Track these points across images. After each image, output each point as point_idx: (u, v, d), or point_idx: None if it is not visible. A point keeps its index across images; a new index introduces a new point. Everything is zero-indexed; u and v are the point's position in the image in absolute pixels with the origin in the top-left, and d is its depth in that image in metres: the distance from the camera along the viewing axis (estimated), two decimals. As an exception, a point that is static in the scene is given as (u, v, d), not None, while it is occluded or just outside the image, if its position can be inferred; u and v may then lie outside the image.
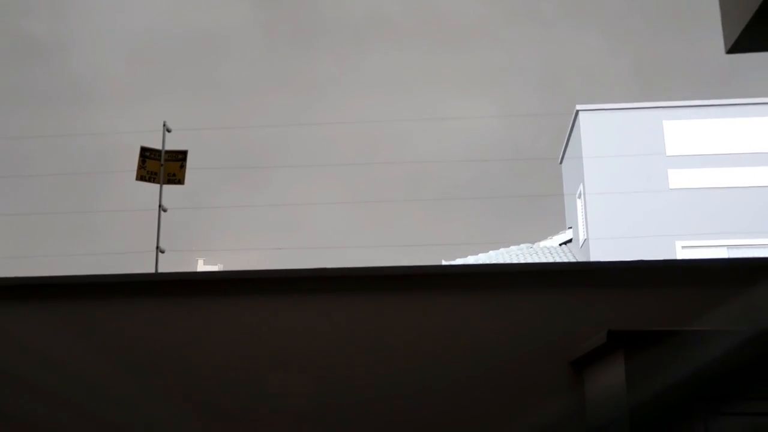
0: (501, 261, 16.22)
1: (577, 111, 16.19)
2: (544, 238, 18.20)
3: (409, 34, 16.61)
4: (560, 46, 16.58)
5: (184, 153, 8.04)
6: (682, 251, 14.57)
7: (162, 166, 7.97)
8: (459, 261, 16.15)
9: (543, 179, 17.99)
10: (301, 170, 14.74)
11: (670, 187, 15.19)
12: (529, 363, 2.31)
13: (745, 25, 1.93)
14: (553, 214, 18.14)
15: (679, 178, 15.23)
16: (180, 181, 7.99)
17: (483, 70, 16.53)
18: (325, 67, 16.73)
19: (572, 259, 16.22)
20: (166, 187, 8.23)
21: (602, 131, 15.93)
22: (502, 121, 16.24)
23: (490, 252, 17.04)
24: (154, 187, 8.26)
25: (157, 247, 8.47)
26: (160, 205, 8.19)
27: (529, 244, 17.79)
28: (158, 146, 8.11)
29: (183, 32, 16.36)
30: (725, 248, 14.23)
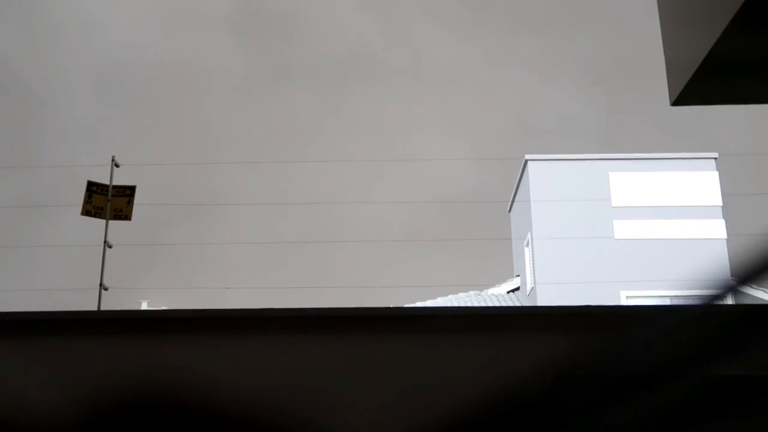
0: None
1: (526, 160, 16.46)
2: (493, 285, 18.31)
3: (390, 74, 16.77)
4: (535, 93, 16.95)
5: (132, 188, 7.93)
6: (626, 300, 14.80)
7: (109, 201, 7.84)
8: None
9: (500, 225, 18.20)
10: (262, 209, 14.53)
11: (616, 237, 15.47)
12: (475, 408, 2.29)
13: (689, 77, 1.98)
14: (504, 260, 18.31)
15: (624, 229, 15.54)
16: (127, 216, 7.86)
17: (459, 112, 16.75)
18: (295, 104, 16.77)
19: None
20: (116, 223, 8.09)
21: (550, 181, 16.21)
22: (471, 164, 16.42)
23: (438, 298, 17.07)
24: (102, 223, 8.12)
25: (101, 284, 8.29)
26: (105, 241, 8.04)
27: (477, 291, 17.87)
28: (108, 181, 8.00)
29: (154, 65, 16.27)
30: (668, 299, 14.50)
